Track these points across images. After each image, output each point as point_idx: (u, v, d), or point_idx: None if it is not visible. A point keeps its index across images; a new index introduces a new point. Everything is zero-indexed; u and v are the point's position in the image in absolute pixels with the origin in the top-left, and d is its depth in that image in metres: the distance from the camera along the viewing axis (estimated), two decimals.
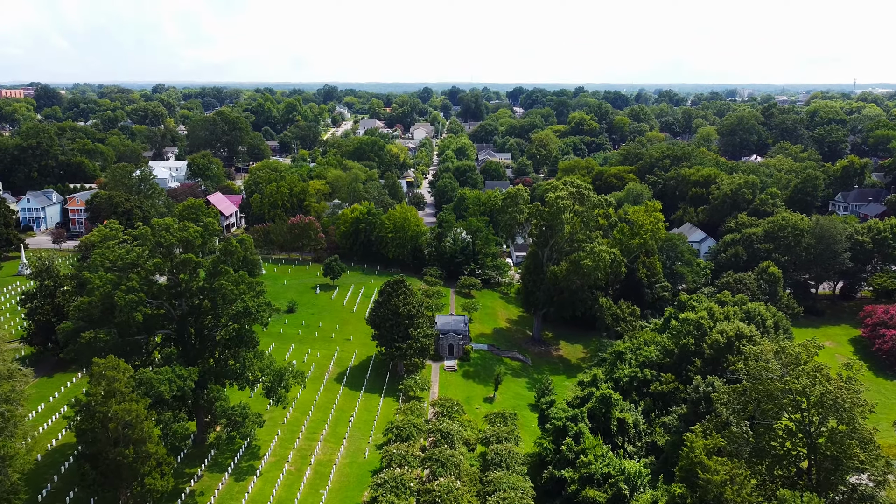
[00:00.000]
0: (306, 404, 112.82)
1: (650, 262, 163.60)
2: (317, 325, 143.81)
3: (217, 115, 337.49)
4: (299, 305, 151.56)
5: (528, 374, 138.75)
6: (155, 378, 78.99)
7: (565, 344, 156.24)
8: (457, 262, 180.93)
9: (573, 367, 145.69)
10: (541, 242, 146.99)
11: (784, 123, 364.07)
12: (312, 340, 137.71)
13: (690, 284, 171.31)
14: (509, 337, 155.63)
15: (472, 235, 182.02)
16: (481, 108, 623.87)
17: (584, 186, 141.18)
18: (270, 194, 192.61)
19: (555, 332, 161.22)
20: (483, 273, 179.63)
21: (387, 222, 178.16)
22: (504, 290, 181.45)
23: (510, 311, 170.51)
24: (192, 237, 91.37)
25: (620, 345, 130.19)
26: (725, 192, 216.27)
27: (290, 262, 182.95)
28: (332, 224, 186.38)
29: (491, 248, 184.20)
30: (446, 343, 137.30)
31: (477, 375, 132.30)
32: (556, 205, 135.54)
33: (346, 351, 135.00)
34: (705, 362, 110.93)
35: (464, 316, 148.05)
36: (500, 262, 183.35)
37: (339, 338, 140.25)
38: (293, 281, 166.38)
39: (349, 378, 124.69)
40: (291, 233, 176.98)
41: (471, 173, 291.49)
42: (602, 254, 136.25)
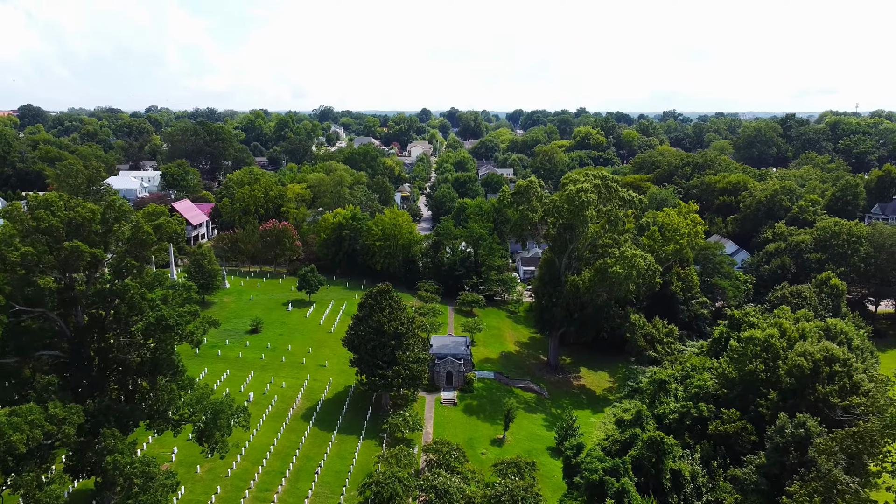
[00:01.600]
0: (260, 450, 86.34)
1: (686, 274, 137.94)
2: (285, 349, 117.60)
3: (199, 125, 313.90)
4: (266, 325, 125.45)
5: (544, 409, 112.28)
6: (7, 422, 52.80)
7: (587, 371, 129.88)
8: (456, 276, 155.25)
9: (598, 399, 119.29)
10: (558, 247, 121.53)
11: (805, 135, 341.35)
12: (278, 367, 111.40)
13: (731, 300, 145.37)
14: (520, 362, 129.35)
15: (474, 245, 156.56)
16: (481, 127, 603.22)
17: (610, 178, 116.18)
18: (242, 198, 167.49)
19: (573, 356, 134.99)
20: (487, 288, 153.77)
21: (374, 228, 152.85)
22: (511, 307, 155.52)
23: (519, 333, 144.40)
24: (85, 218, 65.81)
25: (662, 372, 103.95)
26: (759, 199, 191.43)
27: (261, 275, 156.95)
28: (313, 233, 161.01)
29: (496, 260, 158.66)
30: (444, 370, 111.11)
31: (482, 410, 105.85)
32: (579, 199, 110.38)
33: (318, 380, 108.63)
34: (783, 394, 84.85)
35: (465, 337, 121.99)
36: (506, 276, 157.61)
37: (312, 364, 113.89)
38: (262, 296, 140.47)
39: (320, 415, 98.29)
40: (263, 241, 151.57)
41: (471, 184, 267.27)
42: (635, 259, 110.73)
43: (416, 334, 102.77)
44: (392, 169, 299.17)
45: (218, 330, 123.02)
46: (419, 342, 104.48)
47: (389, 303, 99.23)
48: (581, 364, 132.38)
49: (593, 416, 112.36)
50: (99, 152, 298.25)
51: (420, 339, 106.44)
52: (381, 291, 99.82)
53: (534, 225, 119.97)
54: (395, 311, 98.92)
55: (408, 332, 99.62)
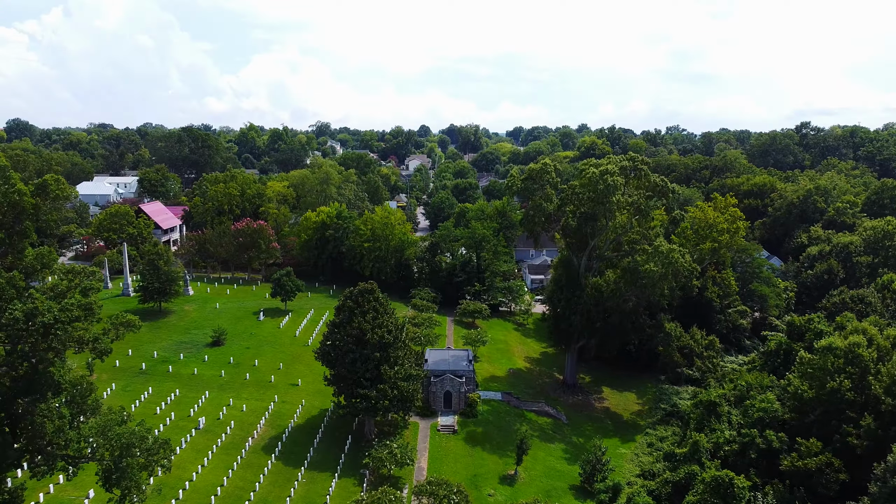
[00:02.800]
0: (205, 492, 66.73)
1: (722, 278, 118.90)
2: (250, 364, 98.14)
3: (184, 131, 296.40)
4: (231, 336, 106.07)
5: (563, 437, 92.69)
6: None
7: (611, 391, 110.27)
8: (456, 283, 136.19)
9: (627, 425, 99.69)
10: (577, 243, 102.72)
11: (824, 142, 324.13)
12: (240, 386, 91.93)
13: (772, 310, 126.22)
14: (531, 381, 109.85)
15: (477, 247, 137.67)
16: (481, 141, 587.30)
17: (639, 159, 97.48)
18: (216, 197, 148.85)
19: (594, 374, 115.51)
20: (491, 297, 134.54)
21: (363, 228, 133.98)
22: (519, 319, 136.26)
23: (529, 347, 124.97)
24: None
25: (709, 392, 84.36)
26: (791, 201, 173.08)
27: (233, 281, 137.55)
28: (295, 235, 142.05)
29: (501, 265, 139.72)
30: (441, 389, 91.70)
31: (488, 439, 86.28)
32: (603, 182, 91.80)
33: (288, 402, 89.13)
34: (881, 419, 65.59)
35: (467, 351, 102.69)
36: (513, 283, 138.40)
37: (282, 382, 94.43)
38: (230, 304, 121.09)
39: (287, 445, 78.73)
40: (235, 242, 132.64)
41: (472, 192, 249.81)
42: (673, 255, 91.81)
43: (406, 346, 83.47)
44: (388, 178, 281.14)
45: (172, 342, 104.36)
46: (411, 356, 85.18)
47: (374, 305, 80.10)
48: (603, 383, 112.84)
49: (623, 446, 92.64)
50: (76, 159, 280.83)
51: (412, 352, 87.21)
52: (363, 291, 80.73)
53: (548, 217, 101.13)
54: (380, 316, 79.75)
55: (397, 343, 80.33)
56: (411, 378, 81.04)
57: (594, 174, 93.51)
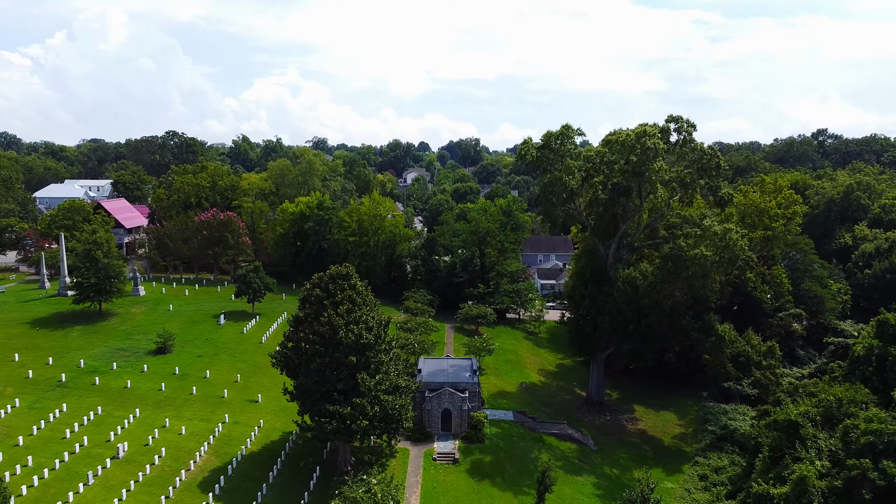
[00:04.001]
0: None
1: (772, 276, 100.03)
2: (200, 376, 78.88)
3: (167, 134, 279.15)
4: (181, 343, 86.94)
5: (592, 467, 73.21)
6: None
7: (645, 410, 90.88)
8: (457, 284, 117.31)
9: (669, 452, 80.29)
10: (604, 228, 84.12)
11: (846, 147, 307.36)
12: (183, 402, 72.58)
13: (828, 314, 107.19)
14: (548, 398, 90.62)
15: (480, 243, 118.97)
16: (481, 155, 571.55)
17: (684, 121, 78.91)
18: (182, 189, 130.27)
19: (621, 389, 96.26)
20: (497, 300, 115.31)
21: (347, 220, 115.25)
22: (530, 326, 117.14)
23: (543, 358, 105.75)
24: None
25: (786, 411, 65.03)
26: (832, 198, 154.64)
27: (196, 282, 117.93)
28: (270, 230, 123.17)
29: (509, 265, 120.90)
30: (438, 407, 72.43)
31: (499, 471, 66.83)
32: (641, 147, 73.47)
33: (242, 423, 69.77)
34: None
35: (470, 359, 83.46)
36: (523, 286, 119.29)
37: (238, 398, 75.08)
38: (187, 306, 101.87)
39: (233, 480, 59.35)
40: (199, 236, 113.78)
41: (472, 196, 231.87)
42: (730, 236, 73.11)
43: (392, 349, 64.36)
44: (384, 185, 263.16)
45: (106, 349, 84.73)
46: (399, 362, 66.07)
47: (350, 295, 61.16)
48: (634, 400, 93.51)
49: (668, 479, 73.14)
50: (49, 164, 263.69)
51: (400, 358, 68.10)
52: (335, 276, 61.83)
53: (569, 194, 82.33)
54: (358, 309, 60.78)
55: (379, 344, 61.27)
56: (399, 391, 61.83)
57: (629, 137, 75.09)
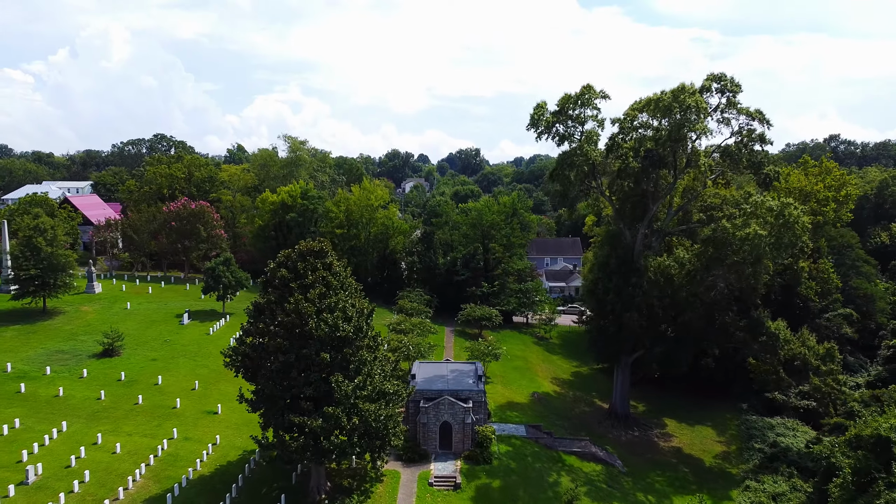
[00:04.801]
0: None
1: (819, 271, 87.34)
2: (151, 382, 65.93)
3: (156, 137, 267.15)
4: (134, 344, 74.10)
5: (623, 493, 60.04)
6: None
7: (677, 425, 77.75)
8: (457, 283, 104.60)
9: (711, 474, 67.24)
10: (632, 208, 71.62)
11: (862, 151, 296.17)
12: (125, 414, 59.56)
13: (879, 314, 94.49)
14: (564, 410, 77.58)
15: (483, 237, 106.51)
16: (482, 165, 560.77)
17: (729, 80, 66.35)
18: (154, 179, 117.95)
19: (647, 400, 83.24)
20: (503, 301, 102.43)
21: (334, 210, 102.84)
22: (540, 331, 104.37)
23: (556, 365, 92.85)
24: None
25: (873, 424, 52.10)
26: (865, 193, 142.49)
27: (164, 279, 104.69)
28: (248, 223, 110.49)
29: (515, 262, 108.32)
30: (435, 419, 59.42)
31: (511, 499, 53.73)
32: (681, 105, 61.11)
33: (195, 438, 56.70)
34: None
35: (474, 363, 70.51)
36: (531, 285, 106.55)
37: (193, 408, 62.06)
38: (148, 305, 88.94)
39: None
40: (167, 227, 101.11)
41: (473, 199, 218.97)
42: (790, 212, 60.62)
43: (377, 344, 51.44)
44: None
45: (43, 351, 71.39)
46: (386, 364, 53.06)
47: (323, 276, 48.43)
48: (663, 413, 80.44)
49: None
50: (29, 166, 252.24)
51: (388, 359, 55.04)
52: (305, 253, 49.12)
53: (591, 169, 69.68)
54: (334, 294, 48.03)
55: (361, 338, 48.44)
56: (385, 398, 48.92)
57: (665, 97, 62.75)
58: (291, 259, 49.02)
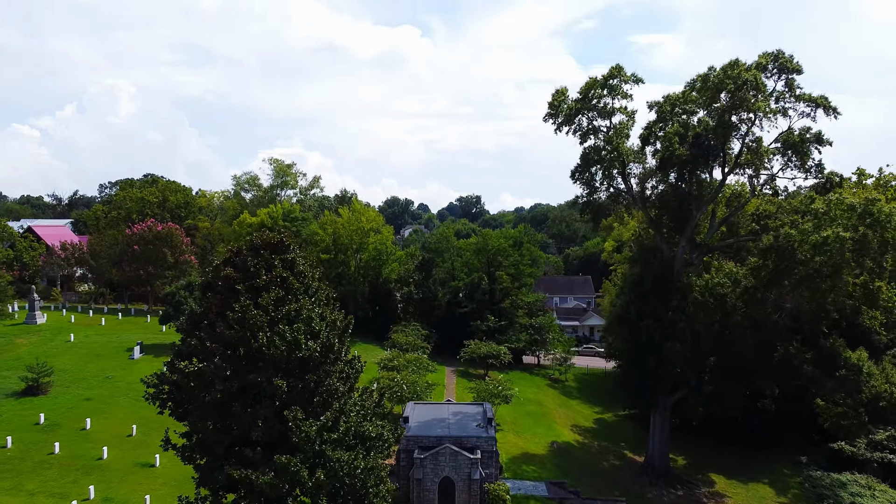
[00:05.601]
0: None
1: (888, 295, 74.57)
2: (76, 427, 52.76)
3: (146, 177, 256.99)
4: (69, 382, 61.27)
5: None
6: None
7: (727, 482, 63.93)
8: (460, 316, 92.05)
9: None
10: (671, 217, 59.67)
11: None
12: (33, 467, 46.22)
13: None
14: (590, 463, 63.95)
15: (489, 264, 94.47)
16: (483, 213, 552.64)
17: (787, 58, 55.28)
18: (123, 203, 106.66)
19: (686, 451, 69.47)
20: (511, 337, 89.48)
21: (320, 234, 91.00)
22: (554, 373, 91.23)
23: (575, 411, 79.38)
24: None
25: None
26: None
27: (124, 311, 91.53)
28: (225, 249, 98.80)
29: (525, 295, 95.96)
30: (434, 474, 46.07)
31: None
32: (736, 81, 49.84)
33: (119, 501, 43.17)
34: None
35: (481, 405, 57.44)
36: (543, 319, 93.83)
37: (123, 460, 48.69)
38: (98, 337, 75.94)
39: None
40: (130, 253, 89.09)
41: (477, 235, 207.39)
42: (878, 208, 48.66)
43: (356, 370, 38.54)
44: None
45: None
46: (369, 398, 39.84)
47: (281, 276, 35.99)
48: (708, 467, 66.68)
49: None
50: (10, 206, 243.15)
51: (371, 395, 41.67)
52: (259, 247, 36.81)
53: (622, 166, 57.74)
54: (294, 299, 35.53)
55: (329, 361, 35.72)
56: (366, 444, 35.72)
57: (715, 75, 51.63)
58: (241, 255, 36.74)
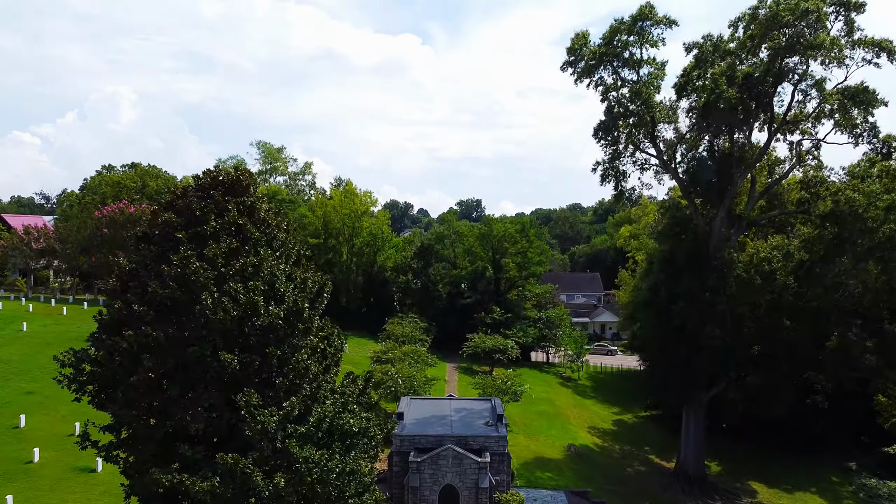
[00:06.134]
0: None
1: None
2: (10, 425, 44.69)
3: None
4: (11, 374, 53.24)
5: None
6: None
7: (769, 491, 55.66)
8: (462, 308, 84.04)
9: None
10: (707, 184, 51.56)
11: None
12: None
13: None
14: (612, 469, 55.68)
15: (494, 251, 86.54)
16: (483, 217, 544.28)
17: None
18: (98, 187, 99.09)
19: (721, 455, 61.14)
20: (519, 332, 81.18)
21: (309, 217, 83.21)
22: (566, 370, 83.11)
23: (591, 411, 71.13)
24: None
25: None
26: None
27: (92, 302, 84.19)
28: None
29: (533, 286, 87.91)
30: (434, 481, 37.82)
31: None
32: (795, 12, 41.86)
33: None
34: None
35: (490, 400, 49.23)
36: (553, 312, 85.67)
37: (57, 463, 40.63)
38: (56, 327, 67.64)
39: None
40: (98, 237, 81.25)
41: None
42: None
43: (333, 349, 30.39)
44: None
45: None
46: (353, 385, 31.51)
47: (237, 223, 27.86)
48: (746, 473, 58.42)
49: None
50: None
51: (355, 379, 33.27)
52: (208, 187, 28.68)
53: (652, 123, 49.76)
54: (253, 251, 27.40)
55: (297, 333, 27.55)
56: (346, 440, 27.39)
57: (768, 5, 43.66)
58: (186, 197, 28.63)
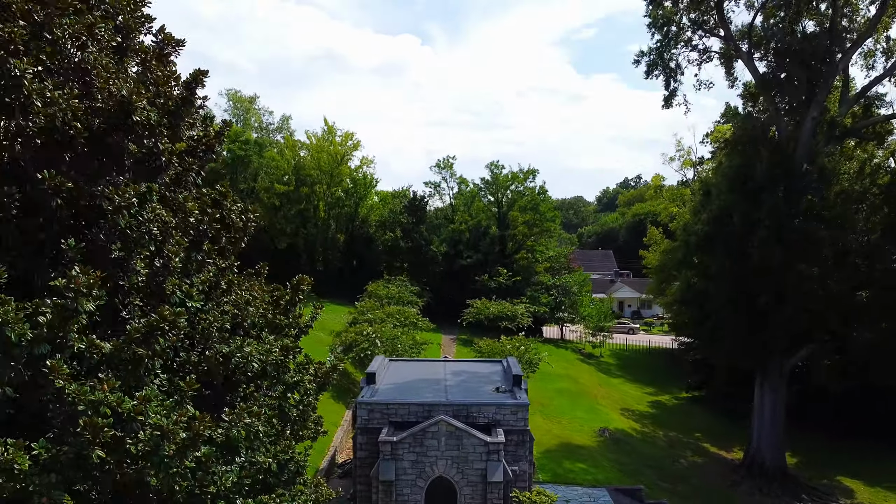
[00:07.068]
0: None
1: None
2: None
3: None
4: None
5: None
6: None
7: (867, 489, 42.24)
8: (461, 271, 70.65)
9: None
10: (790, 76, 38.20)
11: None
12: None
13: None
14: (658, 458, 42.27)
15: (498, 206, 73.20)
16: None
17: None
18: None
19: (798, 443, 47.50)
20: (529, 299, 67.60)
21: (278, 160, 69.74)
22: (586, 347, 70.00)
23: (621, 391, 57.95)
24: None
25: None
26: None
27: None
28: None
29: (546, 247, 74.60)
30: (419, 472, 24.31)
31: None
32: None
33: None
34: None
35: (501, 361, 35.73)
36: (568, 278, 72.21)
37: None
38: None
39: None
40: None
41: None
42: None
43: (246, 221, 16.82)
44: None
45: None
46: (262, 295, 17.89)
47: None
48: (833, 466, 45.19)
49: None
50: None
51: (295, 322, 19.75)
52: None
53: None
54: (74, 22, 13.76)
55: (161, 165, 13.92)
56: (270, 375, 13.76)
57: None
58: None
